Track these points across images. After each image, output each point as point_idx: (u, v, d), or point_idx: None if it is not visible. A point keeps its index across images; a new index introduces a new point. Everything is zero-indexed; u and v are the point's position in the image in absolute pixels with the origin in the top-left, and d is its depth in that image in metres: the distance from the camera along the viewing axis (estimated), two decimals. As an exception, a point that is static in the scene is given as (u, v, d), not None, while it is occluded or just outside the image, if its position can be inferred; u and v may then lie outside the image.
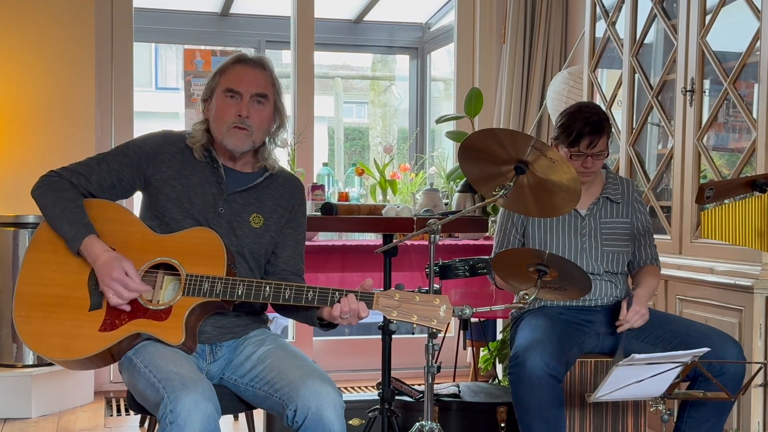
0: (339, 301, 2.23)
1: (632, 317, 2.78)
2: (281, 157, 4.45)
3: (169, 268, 2.32)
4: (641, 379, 2.34)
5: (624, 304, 2.82)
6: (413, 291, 2.23)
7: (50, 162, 2.59)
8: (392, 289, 2.22)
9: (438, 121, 4.72)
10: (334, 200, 4.47)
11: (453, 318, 2.24)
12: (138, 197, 2.52)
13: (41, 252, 2.36)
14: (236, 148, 2.42)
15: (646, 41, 3.88)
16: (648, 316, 2.81)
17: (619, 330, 2.80)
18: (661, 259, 3.09)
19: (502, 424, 3.27)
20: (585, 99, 4.14)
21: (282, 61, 6.34)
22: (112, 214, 2.38)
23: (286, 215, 2.52)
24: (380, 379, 2.99)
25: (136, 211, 2.49)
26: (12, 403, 4.03)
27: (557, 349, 2.68)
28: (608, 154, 2.92)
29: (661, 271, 3.10)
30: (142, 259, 2.32)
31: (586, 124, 2.82)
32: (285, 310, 2.46)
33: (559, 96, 4.48)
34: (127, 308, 2.27)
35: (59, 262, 2.34)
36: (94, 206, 2.37)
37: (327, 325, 2.34)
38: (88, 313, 2.28)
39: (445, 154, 5.47)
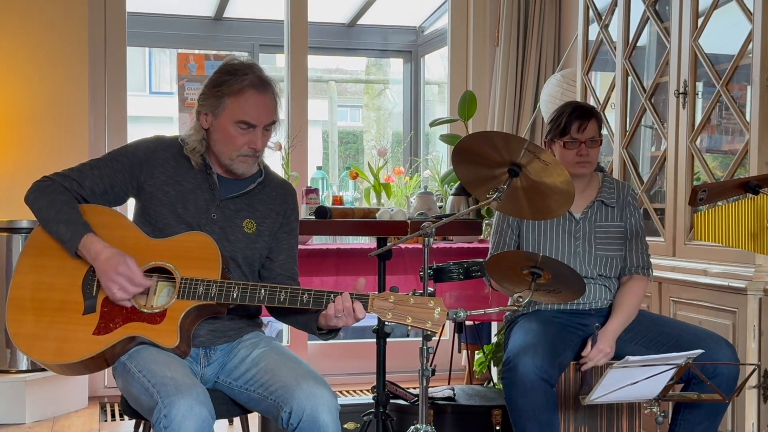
0: (333, 301, 2.23)
1: (595, 356, 2.78)
2: (275, 161, 4.46)
3: (163, 272, 2.32)
4: (636, 381, 2.35)
5: (589, 342, 2.80)
6: (408, 294, 2.23)
7: (43, 167, 2.58)
8: (387, 291, 2.22)
9: (432, 124, 4.72)
10: (329, 204, 4.46)
11: (447, 321, 2.24)
12: (130, 205, 2.51)
13: (35, 256, 2.36)
14: (245, 173, 2.44)
15: (639, 44, 3.89)
16: (612, 354, 2.79)
17: (582, 368, 2.80)
18: (654, 261, 3.07)
19: (497, 427, 3.27)
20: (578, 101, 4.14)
21: (276, 64, 6.34)
22: (107, 219, 2.37)
23: (280, 220, 2.52)
24: (375, 383, 2.98)
25: (129, 217, 2.47)
26: (6, 408, 4.01)
27: (549, 353, 2.68)
28: (601, 142, 2.93)
29: (655, 273, 3.08)
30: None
31: (573, 110, 2.89)
32: (281, 315, 2.46)
33: (552, 98, 4.49)
34: (128, 304, 2.26)
35: (52, 266, 2.33)
36: (89, 211, 2.36)
37: (327, 334, 2.35)
38: (82, 317, 2.27)
39: (440, 157, 5.47)
